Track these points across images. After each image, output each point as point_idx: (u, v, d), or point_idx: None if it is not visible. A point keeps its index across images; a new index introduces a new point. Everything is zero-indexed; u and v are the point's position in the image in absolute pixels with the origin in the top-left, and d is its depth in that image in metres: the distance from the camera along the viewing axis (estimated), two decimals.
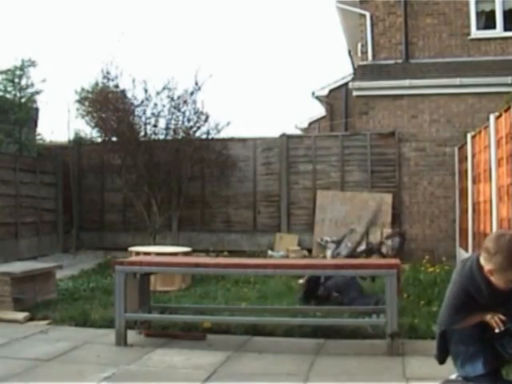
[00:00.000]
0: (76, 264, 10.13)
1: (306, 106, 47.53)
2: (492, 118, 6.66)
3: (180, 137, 11.48)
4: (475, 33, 12.23)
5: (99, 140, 11.98)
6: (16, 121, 12.09)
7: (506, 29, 12.17)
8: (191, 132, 11.60)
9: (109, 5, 41.31)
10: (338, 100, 17.24)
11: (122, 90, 11.46)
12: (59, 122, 22.99)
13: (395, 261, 5.23)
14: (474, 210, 8.48)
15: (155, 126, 11.52)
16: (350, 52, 16.27)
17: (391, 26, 12.55)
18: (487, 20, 12.35)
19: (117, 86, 11.41)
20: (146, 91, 11.30)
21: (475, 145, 8.35)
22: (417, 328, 5.14)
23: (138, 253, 7.80)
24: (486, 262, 3.14)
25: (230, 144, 11.99)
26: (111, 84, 11.41)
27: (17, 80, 12.47)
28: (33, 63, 12.52)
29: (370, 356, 4.60)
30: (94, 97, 11.58)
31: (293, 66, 45.30)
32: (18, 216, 10.91)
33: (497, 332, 3.20)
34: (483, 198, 7.51)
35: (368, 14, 12.66)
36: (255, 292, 7.29)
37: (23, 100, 12.52)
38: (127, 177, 11.75)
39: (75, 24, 41.19)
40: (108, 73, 11.32)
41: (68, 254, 11.76)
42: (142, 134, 11.49)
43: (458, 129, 10.89)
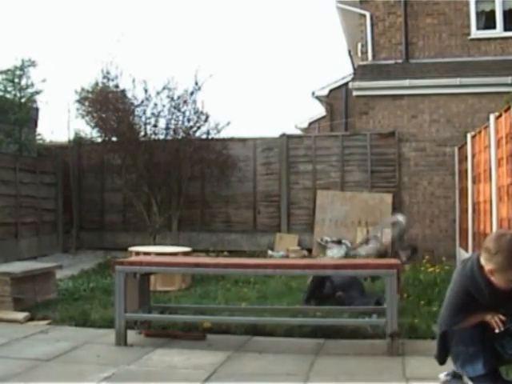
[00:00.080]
0: (76, 264, 10.13)
1: (306, 106, 47.59)
2: (492, 118, 6.65)
3: (180, 137, 11.48)
4: (475, 33, 12.23)
5: (99, 140, 11.97)
6: (16, 121, 12.08)
7: (506, 29, 12.18)
8: (191, 132, 11.60)
9: (109, 5, 41.34)
10: (337, 100, 17.25)
11: (122, 90, 11.46)
12: (59, 121, 23.05)
13: (395, 261, 5.23)
14: (474, 210, 8.47)
15: (155, 126, 11.53)
16: (349, 52, 16.28)
17: (391, 25, 12.56)
18: (487, 20, 12.36)
19: (117, 86, 11.41)
20: (145, 91, 11.31)
21: (475, 145, 8.34)
22: (417, 328, 5.14)
23: (138, 253, 7.79)
24: (487, 262, 3.14)
25: (230, 144, 11.99)
26: (111, 84, 11.42)
27: (17, 80, 12.47)
28: (33, 63, 12.53)
29: (370, 356, 4.60)
30: (93, 97, 11.59)
31: (293, 66, 45.34)
32: (18, 216, 10.91)
33: (497, 332, 3.21)
34: (483, 198, 7.51)
35: (368, 14, 12.67)
36: (255, 292, 7.29)
37: (23, 100, 12.52)
38: (127, 177, 11.76)
39: (75, 24, 41.23)
40: (108, 73, 11.32)
41: (68, 254, 11.76)
42: (142, 134, 11.49)
43: (458, 129, 10.90)
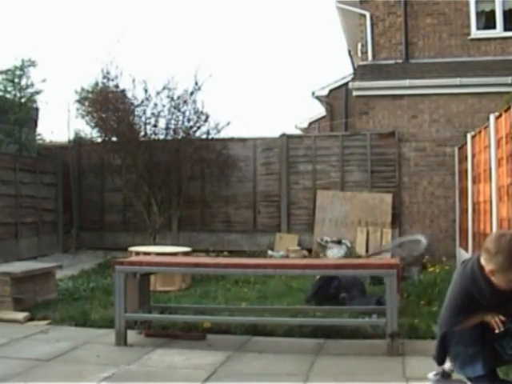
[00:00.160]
0: (76, 264, 10.13)
1: (306, 106, 47.59)
2: (492, 118, 6.65)
3: (180, 137, 11.47)
4: (475, 33, 12.22)
5: (99, 140, 11.97)
6: (16, 121, 12.08)
7: (506, 29, 12.16)
8: (191, 132, 11.60)
9: (109, 5, 41.33)
10: (337, 100, 17.25)
11: (122, 90, 11.46)
12: (59, 121, 23.01)
13: (395, 261, 5.24)
14: (473, 210, 8.47)
15: (155, 125, 11.52)
16: (349, 52, 16.27)
17: (391, 25, 12.55)
18: (487, 20, 12.34)
19: (117, 86, 11.40)
20: (145, 91, 11.30)
21: (475, 145, 8.34)
22: (417, 328, 5.14)
23: (137, 253, 7.80)
24: (487, 263, 3.14)
25: (229, 144, 11.98)
26: (111, 84, 11.41)
27: (17, 80, 12.46)
28: (33, 63, 12.52)
29: (370, 356, 4.60)
30: (93, 97, 11.59)
31: (293, 66, 45.34)
32: (18, 216, 10.91)
33: (497, 332, 3.21)
34: (483, 198, 7.50)
35: (368, 14, 12.65)
36: (255, 292, 7.30)
37: (23, 100, 12.51)
38: (127, 177, 11.75)
39: (75, 24, 41.23)
40: (108, 73, 11.32)
41: (68, 254, 11.76)
42: (142, 134, 11.49)
43: (458, 129, 10.89)
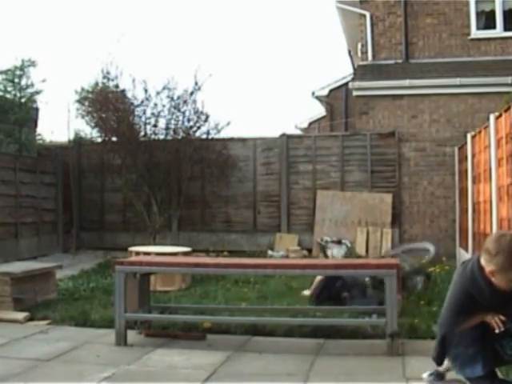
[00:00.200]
0: (76, 264, 10.13)
1: (306, 106, 47.59)
2: (492, 118, 6.65)
3: (180, 137, 11.47)
4: (475, 33, 12.23)
5: (99, 140, 11.97)
6: (16, 121, 12.08)
7: (506, 29, 12.18)
8: (191, 132, 11.60)
9: (109, 5, 41.33)
10: (337, 100, 17.26)
11: (122, 90, 11.46)
12: (59, 121, 23.04)
13: (395, 261, 5.24)
14: (473, 210, 8.47)
15: (155, 125, 11.52)
16: (349, 52, 16.28)
17: (391, 25, 12.56)
18: (487, 20, 12.35)
19: (117, 86, 11.40)
20: (145, 91, 11.30)
21: (475, 145, 8.34)
22: (417, 328, 5.13)
23: (137, 253, 7.79)
24: (487, 263, 3.14)
25: (229, 144, 11.99)
26: (111, 84, 11.41)
27: (17, 80, 12.46)
28: (33, 63, 12.52)
29: (370, 356, 4.59)
30: (93, 97, 11.58)
31: (293, 66, 45.34)
32: (18, 216, 10.91)
33: (497, 332, 3.21)
34: (483, 198, 7.50)
35: (368, 14, 12.66)
36: (255, 292, 7.29)
37: (23, 100, 12.51)
38: (127, 177, 11.75)
39: (75, 24, 41.23)
40: (108, 73, 11.31)
41: (68, 254, 11.76)
42: (142, 134, 11.48)
43: (458, 129, 10.90)
